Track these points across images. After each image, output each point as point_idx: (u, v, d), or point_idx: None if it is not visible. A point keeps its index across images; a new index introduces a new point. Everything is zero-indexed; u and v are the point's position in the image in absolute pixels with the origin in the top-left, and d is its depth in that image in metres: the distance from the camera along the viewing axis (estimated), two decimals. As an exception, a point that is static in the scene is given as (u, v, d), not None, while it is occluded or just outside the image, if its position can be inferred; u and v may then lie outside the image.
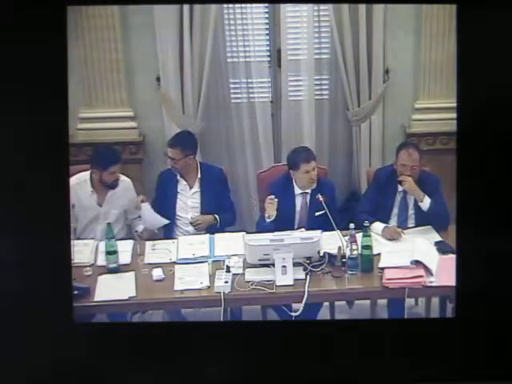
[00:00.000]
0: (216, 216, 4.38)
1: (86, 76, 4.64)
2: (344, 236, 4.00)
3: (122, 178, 4.33)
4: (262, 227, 4.23)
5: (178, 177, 4.41)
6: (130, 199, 4.34)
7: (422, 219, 4.25)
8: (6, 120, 3.52)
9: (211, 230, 4.35)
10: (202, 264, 4.04)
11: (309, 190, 4.31)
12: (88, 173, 4.29)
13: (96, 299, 3.83)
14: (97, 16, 4.52)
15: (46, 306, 3.54)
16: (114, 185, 4.29)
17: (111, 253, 4.02)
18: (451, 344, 3.60)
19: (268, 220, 4.22)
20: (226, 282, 3.87)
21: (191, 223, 4.37)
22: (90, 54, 4.59)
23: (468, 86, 3.54)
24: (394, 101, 4.82)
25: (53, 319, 3.56)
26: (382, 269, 3.95)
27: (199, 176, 4.42)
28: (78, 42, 4.53)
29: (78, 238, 4.17)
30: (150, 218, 4.31)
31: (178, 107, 4.77)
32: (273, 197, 4.22)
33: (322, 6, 4.67)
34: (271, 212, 4.22)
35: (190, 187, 4.43)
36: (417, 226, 4.27)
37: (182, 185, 4.42)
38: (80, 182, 4.24)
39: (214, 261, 4.05)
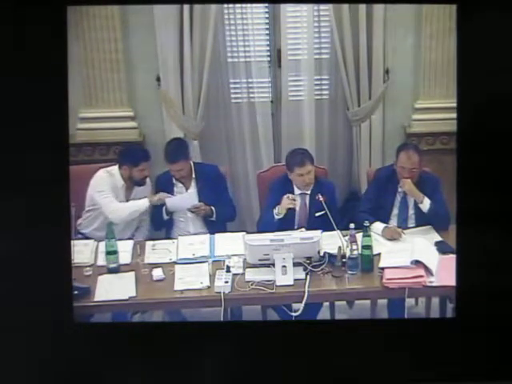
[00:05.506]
0: (212, 208, 4.39)
1: (85, 76, 4.64)
2: (344, 236, 4.00)
3: None
4: (268, 221, 4.23)
5: (174, 180, 4.42)
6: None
7: (423, 219, 4.25)
8: (6, 120, 3.52)
9: (211, 229, 4.36)
10: (202, 264, 4.04)
11: (308, 191, 4.31)
12: (115, 167, 4.38)
13: (96, 299, 3.84)
14: (97, 16, 4.52)
15: (46, 306, 3.54)
16: (142, 182, 4.39)
17: (111, 253, 4.02)
18: (451, 344, 3.59)
19: (277, 216, 4.22)
20: (226, 282, 3.88)
21: (190, 209, 4.39)
22: (90, 54, 4.59)
23: (468, 86, 3.54)
24: (394, 101, 4.82)
25: (53, 319, 3.56)
26: (382, 269, 3.95)
27: (193, 176, 4.43)
28: (78, 42, 4.53)
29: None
30: (177, 202, 4.39)
31: (178, 107, 4.77)
32: (292, 196, 4.24)
33: (322, 6, 4.67)
34: (284, 208, 4.21)
35: (187, 188, 4.44)
36: (417, 226, 4.27)
37: (179, 187, 4.43)
38: (109, 173, 4.37)
39: (214, 261, 4.05)
